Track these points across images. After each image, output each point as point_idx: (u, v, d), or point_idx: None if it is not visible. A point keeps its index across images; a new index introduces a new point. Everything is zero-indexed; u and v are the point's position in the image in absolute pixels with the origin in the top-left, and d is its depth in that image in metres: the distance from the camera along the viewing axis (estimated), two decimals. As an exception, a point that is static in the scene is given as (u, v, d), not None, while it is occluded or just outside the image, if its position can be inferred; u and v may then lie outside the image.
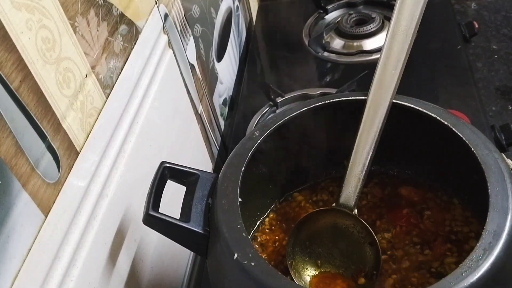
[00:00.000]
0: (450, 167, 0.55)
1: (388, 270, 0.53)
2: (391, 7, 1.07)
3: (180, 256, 0.70)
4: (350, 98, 0.56)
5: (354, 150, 0.51)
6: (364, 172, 0.51)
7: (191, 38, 0.78)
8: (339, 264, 0.53)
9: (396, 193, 0.60)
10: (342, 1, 1.12)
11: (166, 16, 0.68)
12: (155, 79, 0.63)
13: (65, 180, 0.44)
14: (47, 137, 0.42)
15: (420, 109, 0.52)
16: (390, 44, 0.50)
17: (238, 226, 0.46)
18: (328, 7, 1.11)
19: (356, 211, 0.52)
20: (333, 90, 0.88)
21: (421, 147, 0.56)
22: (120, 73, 0.55)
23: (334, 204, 0.53)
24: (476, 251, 0.40)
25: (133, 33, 0.59)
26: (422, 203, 0.58)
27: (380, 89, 0.50)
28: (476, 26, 1.02)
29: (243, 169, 0.50)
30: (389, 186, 0.60)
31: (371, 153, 0.50)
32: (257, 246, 0.58)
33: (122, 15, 0.56)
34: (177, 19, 0.73)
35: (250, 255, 0.43)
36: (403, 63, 0.49)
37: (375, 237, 0.51)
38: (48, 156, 0.42)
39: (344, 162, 0.52)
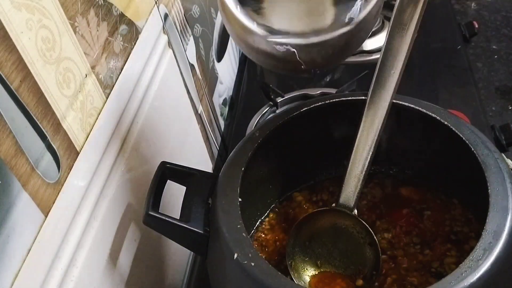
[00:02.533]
0: (450, 167, 0.55)
1: (388, 270, 0.53)
2: (391, 7, 1.06)
3: (180, 256, 0.70)
4: (350, 98, 0.56)
5: (354, 150, 0.51)
6: (364, 172, 0.51)
7: (191, 38, 0.78)
8: (339, 264, 0.53)
9: (396, 193, 0.60)
10: (342, 1, 1.12)
11: (166, 16, 0.68)
12: (155, 79, 0.63)
13: (65, 180, 0.44)
14: (47, 137, 0.42)
15: (420, 109, 0.52)
16: (389, 45, 0.49)
17: (238, 226, 0.46)
18: (328, 7, 1.11)
19: (356, 211, 0.52)
20: (333, 90, 0.88)
21: (421, 147, 0.56)
22: (120, 73, 0.55)
23: (334, 205, 0.53)
24: (476, 251, 0.40)
25: (133, 33, 0.59)
26: (422, 203, 0.58)
27: (380, 89, 0.50)
28: (476, 26, 1.02)
29: (243, 169, 0.50)
30: (389, 186, 0.60)
31: (371, 153, 0.50)
32: (257, 246, 0.58)
33: (122, 15, 0.56)
34: (177, 19, 0.73)
35: (250, 255, 0.43)
36: (403, 63, 0.49)
37: (375, 237, 0.51)
38: (48, 156, 0.42)
39: (344, 162, 0.52)
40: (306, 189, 0.63)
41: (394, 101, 0.51)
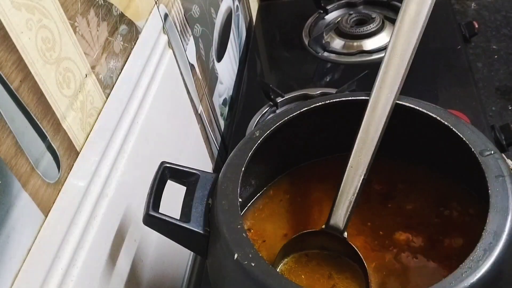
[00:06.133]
0: (450, 167, 0.55)
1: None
2: (391, 7, 1.07)
3: (180, 256, 0.70)
4: (350, 98, 0.56)
5: (347, 169, 0.49)
6: (355, 195, 0.49)
7: (191, 38, 0.78)
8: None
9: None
10: (342, 1, 1.12)
11: (166, 16, 0.68)
12: (155, 79, 0.63)
13: (65, 180, 0.44)
14: (47, 137, 0.42)
15: (420, 109, 0.52)
16: (395, 44, 0.49)
17: (238, 226, 0.46)
18: (328, 7, 1.11)
19: (346, 234, 0.50)
20: (333, 90, 0.88)
21: (421, 147, 0.56)
22: (120, 73, 0.55)
23: (323, 226, 0.51)
24: (476, 251, 0.40)
25: (133, 33, 0.59)
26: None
27: (384, 89, 0.50)
28: (476, 26, 1.02)
29: (243, 169, 0.50)
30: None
31: (362, 178, 0.49)
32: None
33: (122, 15, 0.56)
34: (177, 19, 0.73)
35: (250, 255, 0.43)
36: (408, 62, 0.49)
37: (364, 262, 0.49)
38: (48, 156, 0.42)
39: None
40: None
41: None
